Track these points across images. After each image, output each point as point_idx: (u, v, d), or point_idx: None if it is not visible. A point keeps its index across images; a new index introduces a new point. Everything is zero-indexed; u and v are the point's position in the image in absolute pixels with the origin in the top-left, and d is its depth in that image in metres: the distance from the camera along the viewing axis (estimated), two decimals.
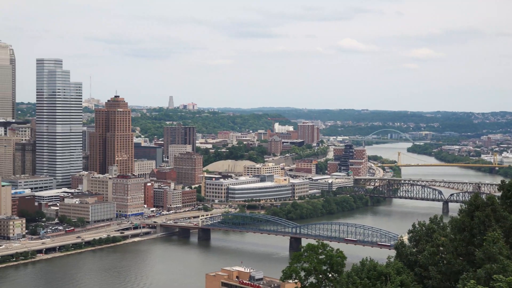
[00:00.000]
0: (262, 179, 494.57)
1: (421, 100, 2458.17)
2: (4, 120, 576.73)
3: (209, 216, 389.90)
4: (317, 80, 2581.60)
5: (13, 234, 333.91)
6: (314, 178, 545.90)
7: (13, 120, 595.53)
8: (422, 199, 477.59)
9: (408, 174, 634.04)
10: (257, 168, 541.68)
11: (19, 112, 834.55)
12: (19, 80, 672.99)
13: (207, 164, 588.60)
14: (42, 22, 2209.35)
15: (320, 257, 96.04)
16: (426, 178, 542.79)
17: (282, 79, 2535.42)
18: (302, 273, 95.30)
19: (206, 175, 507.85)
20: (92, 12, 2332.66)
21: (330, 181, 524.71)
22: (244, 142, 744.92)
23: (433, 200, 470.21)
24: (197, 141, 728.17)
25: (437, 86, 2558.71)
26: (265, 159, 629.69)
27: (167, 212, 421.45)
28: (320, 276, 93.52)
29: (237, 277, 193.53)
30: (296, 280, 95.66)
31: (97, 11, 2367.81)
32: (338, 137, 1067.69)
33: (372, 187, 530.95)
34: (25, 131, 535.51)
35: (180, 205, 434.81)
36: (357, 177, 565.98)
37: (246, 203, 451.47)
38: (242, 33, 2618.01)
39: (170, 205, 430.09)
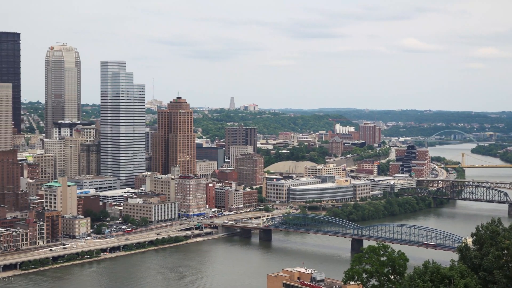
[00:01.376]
0: (323, 180, 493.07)
1: (486, 100, 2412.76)
2: (70, 121, 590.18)
3: (270, 216, 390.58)
4: (378, 80, 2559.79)
5: (79, 233, 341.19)
6: (375, 179, 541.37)
7: (79, 121, 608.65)
8: (486, 201, 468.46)
9: (472, 175, 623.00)
10: (318, 169, 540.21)
11: (84, 113, 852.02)
12: (84, 82, 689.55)
13: (268, 165, 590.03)
14: (106, 25, 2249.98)
15: (382, 259, 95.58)
16: (491, 179, 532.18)
17: (343, 80, 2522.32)
18: (364, 275, 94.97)
19: (267, 176, 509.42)
20: (155, 15, 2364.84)
21: (392, 182, 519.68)
22: (305, 143, 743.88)
23: (498, 202, 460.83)
24: (258, 142, 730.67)
25: (503, 85, 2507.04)
26: (326, 160, 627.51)
27: (229, 213, 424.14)
28: (382, 278, 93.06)
29: (298, 278, 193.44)
30: (358, 282, 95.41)
31: (160, 14, 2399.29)
32: (400, 138, 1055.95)
33: (435, 188, 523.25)
34: (90, 132, 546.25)
35: (242, 205, 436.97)
36: (419, 179, 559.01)
37: (307, 204, 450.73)
38: (303, 34, 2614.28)
39: (232, 205, 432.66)
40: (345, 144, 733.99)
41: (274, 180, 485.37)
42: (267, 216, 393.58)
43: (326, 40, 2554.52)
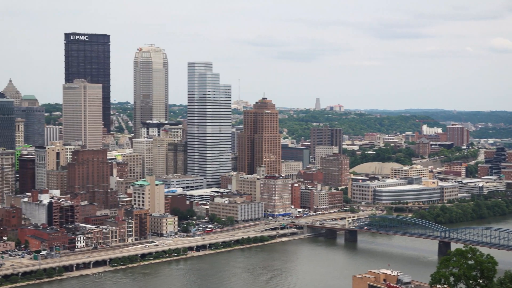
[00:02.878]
0: (410, 182, 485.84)
1: None
2: (157, 121, 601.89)
3: (355, 218, 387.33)
4: (466, 80, 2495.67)
5: (166, 231, 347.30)
6: (463, 181, 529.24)
7: (166, 122, 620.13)
8: None
9: None
10: (405, 171, 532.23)
11: (172, 113, 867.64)
12: (171, 83, 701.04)
13: (354, 166, 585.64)
14: (193, 26, 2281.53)
15: (469, 262, 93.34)
16: None
17: (430, 80, 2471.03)
18: (451, 279, 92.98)
19: (352, 176, 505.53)
20: (240, 16, 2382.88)
21: (480, 184, 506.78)
22: (391, 144, 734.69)
23: None
24: (343, 143, 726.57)
25: None
26: (413, 162, 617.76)
27: (314, 213, 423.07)
28: (470, 281, 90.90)
29: (384, 280, 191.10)
30: (445, 285, 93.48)
31: (245, 15, 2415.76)
32: (489, 139, 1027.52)
33: None
34: (177, 132, 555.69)
35: (327, 206, 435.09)
36: (509, 181, 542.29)
37: (393, 206, 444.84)
38: (389, 34, 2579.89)
39: (317, 206, 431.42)
40: (432, 146, 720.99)
41: (360, 181, 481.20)
42: (353, 217, 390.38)
43: (412, 40, 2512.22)
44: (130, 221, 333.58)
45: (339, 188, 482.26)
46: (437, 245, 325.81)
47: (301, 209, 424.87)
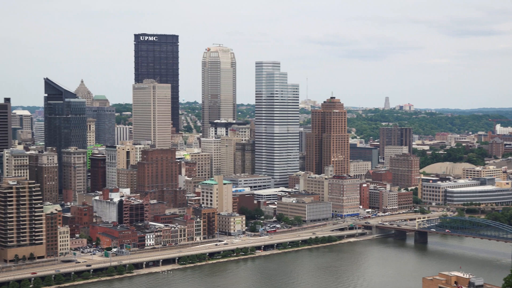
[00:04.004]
0: (483, 182, 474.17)
1: None
2: (225, 121, 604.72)
3: (426, 219, 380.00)
4: None
5: (234, 230, 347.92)
6: None
7: (234, 121, 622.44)
8: None
9: None
10: (477, 171, 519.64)
11: (239, 113, 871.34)
12: (239, 83, 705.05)
13: (424, 166, 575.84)
14: (261, 26, 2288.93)
15: None
16: None
17: (504, 78, 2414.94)
18: None
19: (423, 177, 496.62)
20: (309, 15, 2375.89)
21: None
22: (463, 144, 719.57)
23: None
24: (413, 143, 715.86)
25: None
26: (486, 162, 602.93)
27: (383, 214, 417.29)
28: None
29: (455, 282, 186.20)
30: None
31: (313, 14, 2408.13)
32: None
33: None
34: (244, 131, 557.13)
35: (396, 206, 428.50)
36: None
37: (465, 207, 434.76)
38: (461, 31, 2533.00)
39: (386, 206, 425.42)
40: (506, 146, 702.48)
41: (430, 181, 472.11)
42: (423, 218, 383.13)
43: (486, 37, 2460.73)
44: (198, 220, 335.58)
45: (409, 188, 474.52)
46: (511, 248, 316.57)
47: (369, 210, 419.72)
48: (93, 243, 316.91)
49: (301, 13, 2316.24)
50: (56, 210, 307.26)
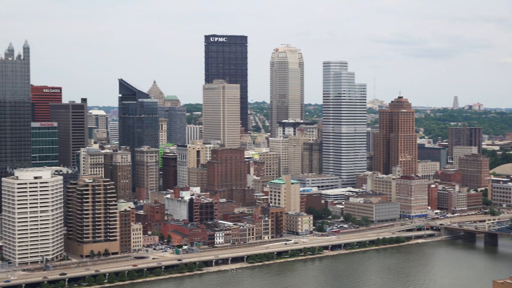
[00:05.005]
0: None
1: None
2: (293, 121, 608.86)
3: (496, 220, 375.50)
4: None
5: (301, 230, 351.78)
6: None
7: (301, 121, 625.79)
8: None
9: None
10: None
11: (307, 113, 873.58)
12: (307, 83, 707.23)
13: (494, 167, 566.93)
14: (328, 26, 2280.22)
15: None
16: None
17: None
18: None
19: (493, 178, 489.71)
20: (376, 14, 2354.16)
21: None
22: None
23: None
24: (483, 143, 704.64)
25: None
26: None
27: (452, 215, 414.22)
28: None
29: None
30: None
31: (381, 13, 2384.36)
32: None
33: None
34: (312, 131, 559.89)
35: (465, 208, 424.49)
36: None
37: None
38: None
39: (455, 207, 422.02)
40: None
41: (501, 182, 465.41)
42: (493, 219, 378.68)
43: None
44: (266, 219, 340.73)
45: (478, 189, 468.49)
46: None
47: (438, 211, 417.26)
48: (165, 241, 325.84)
49: (369, 12, 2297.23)
50: (129, 207, 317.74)
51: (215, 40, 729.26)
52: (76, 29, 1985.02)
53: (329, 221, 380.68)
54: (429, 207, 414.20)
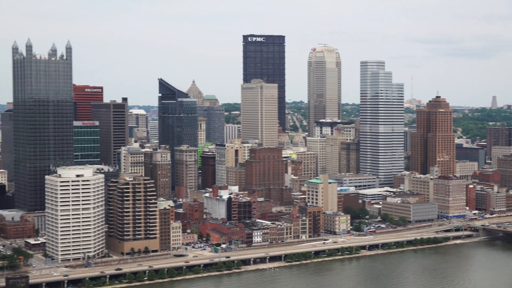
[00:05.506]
0: None
1: None
2: (331, 120, 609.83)
3: None
4: None
5: (339, 229, 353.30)
6: None
7: (339, 121, 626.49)
8: None
9: None
10: None
11: (344, 112, 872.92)
12: (344, 82, 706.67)
13: None
14: (365, 26, 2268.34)
15: None
16: None
17: None
18: None
19: None
20: (413, 14, 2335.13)
21: None
22: None
23: None
24: None
25: None
26: None
27: (490, 216, 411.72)
28: None
29: None
30: None
31: (418, 12, 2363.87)
32: None
33: None
34: (349, 131, 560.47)
35: (504, 208, 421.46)
36: None
37: None
38: None
39: (493, 208, 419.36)
40: None
41: None
42: None
43: None
44: (304, 218, 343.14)
45: None
46: None
47: (476, 211, 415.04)
48: (204, 239, 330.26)
49: (406, 12, 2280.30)
50: (169, 206, 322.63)
51: (253, 40, 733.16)
52: (117, 30, 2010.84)
53: (366, 221, 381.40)
54: (467, 208, 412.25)
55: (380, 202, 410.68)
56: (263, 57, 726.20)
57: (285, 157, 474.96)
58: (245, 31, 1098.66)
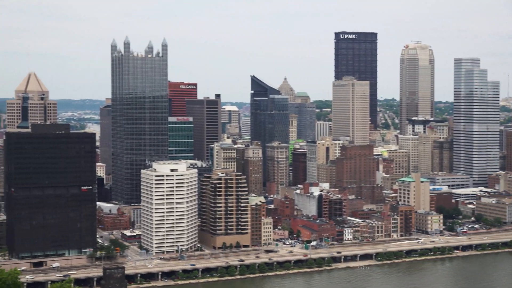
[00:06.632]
0: None
1: None
2: (423, 118, 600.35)
3: None
4: None
5: (431, 229, 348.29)
6: None
7: (432, 119, 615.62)
8: None
9: None
10: None
11: (437, 110, 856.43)
12: (437, 80, 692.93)
13: None
14: (457, 23, 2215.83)
15: None
16: None
17: None
18: None
19: None
20: (507, 10, 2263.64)
21: None
22: None
23: None
24: None
25: None
26: None
27: None
28: None
29: None
30: None
31: (507, 9, 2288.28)
32: None
33: None
34: (442, 129, 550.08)
35: None
36: None
37: None
38: None
39: None
40: None
41: None
42: None
43: None
44: (395, 217, 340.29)
45: None
46: None
47: None
48: (294, 235, 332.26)
49: (500, 8, 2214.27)
50: (260, 201, 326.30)
51: (345, 37, 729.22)
52: (210, 29, 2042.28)
53: (459, 221, 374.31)
54: None
55: (474, 202, 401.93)
56: (355, 54, 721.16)
57: (376, 155, 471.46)
58: (337, 28, 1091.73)
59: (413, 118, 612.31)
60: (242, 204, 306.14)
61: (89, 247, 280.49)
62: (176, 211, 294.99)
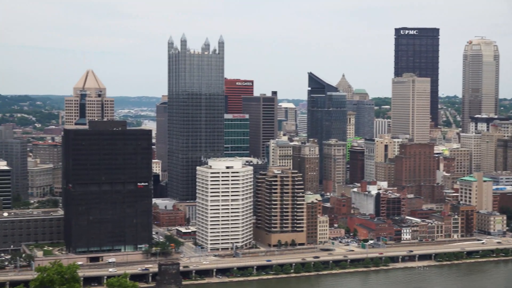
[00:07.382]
0: None
1: None
2: (486, 116, 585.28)
3: None
4: None
5: (493, 230, 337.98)
6: None
7: (496, 116, 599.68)
8: None
9: None
10: None
11: (502, 108, 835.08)
12: (502, 76, 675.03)
13: None
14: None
15: None
16: None
17: None
18: None
19: None
20: None
21: None
22: None
23: None
24: None
25: None
26: None
27: None
28: None
29: None
30: None
31: None
32: None
33: None
34: (507, 127, 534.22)
35: None
36: None
37: None
38: None
39: None
40: None
41: None
42: None
43: None
44: (456, 217, 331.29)
45: None
46: None
47: None
48: (351, 234, 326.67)
49: None
50: (316, 199, 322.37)
51: (406, 33, 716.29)
52: (267, 26, 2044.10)
53: None
54: None
55: None
56: (416, 50, 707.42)
57: (437, 153, 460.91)
58: (398, 24, 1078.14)
59: (476, 116, 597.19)
60: (298, 202, 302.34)
61: (145, 243, 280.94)
62: (231, 208, 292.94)
